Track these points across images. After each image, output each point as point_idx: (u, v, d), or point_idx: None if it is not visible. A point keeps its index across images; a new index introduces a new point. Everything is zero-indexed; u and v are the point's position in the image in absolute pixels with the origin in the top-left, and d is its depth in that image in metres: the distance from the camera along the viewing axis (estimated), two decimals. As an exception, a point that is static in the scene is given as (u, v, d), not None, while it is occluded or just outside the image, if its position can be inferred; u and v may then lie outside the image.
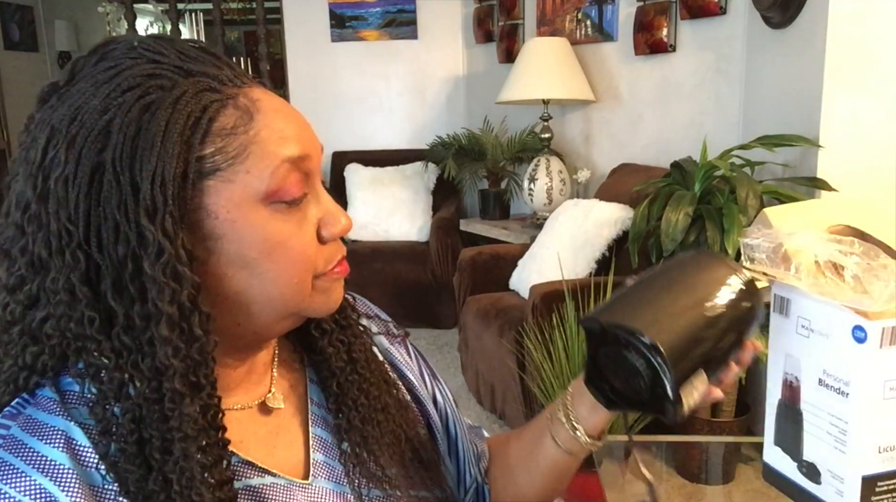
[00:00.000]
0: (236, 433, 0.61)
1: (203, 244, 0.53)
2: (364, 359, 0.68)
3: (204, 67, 0.54)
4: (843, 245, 0.55)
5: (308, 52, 4.38)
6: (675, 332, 0.59)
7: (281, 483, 0.61)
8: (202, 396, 0.52)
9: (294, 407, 0.67)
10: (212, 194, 0.53)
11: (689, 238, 1.98)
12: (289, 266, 0.56)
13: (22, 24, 5.47)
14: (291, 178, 0.55)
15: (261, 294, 0.56)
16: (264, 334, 0.60)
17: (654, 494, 0.67)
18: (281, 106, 0.57)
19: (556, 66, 3.21)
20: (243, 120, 0.54)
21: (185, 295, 0.51)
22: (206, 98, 0.53)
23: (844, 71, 1.96)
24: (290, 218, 0.56)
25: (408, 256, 3.78)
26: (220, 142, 0.53)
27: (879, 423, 0.54)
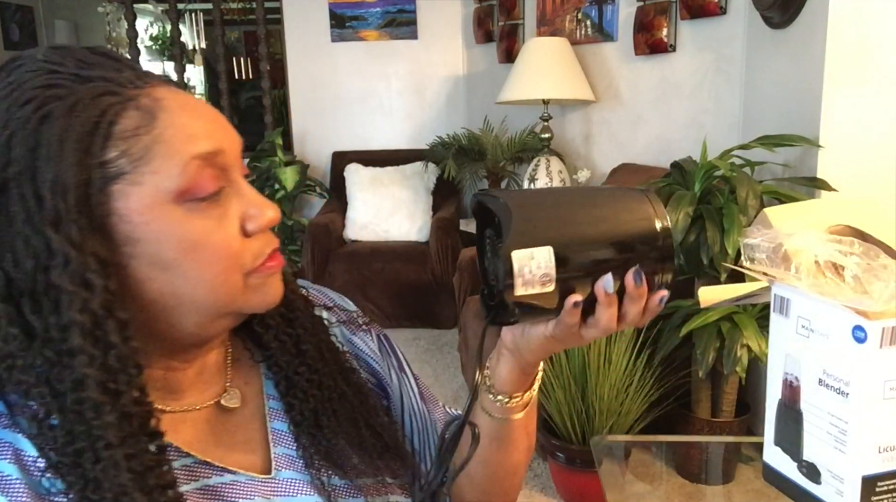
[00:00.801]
0: (192, 434, 0.61)
1: (121, 249, 0.53)
2: (316, 351, 0.68)
3: (103, 72, 0.54)
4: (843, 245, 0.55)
5: (308, 52, 4.38)
6: (530, 199, 0.59)
7: (241, 480, 0.61)
8: (123, 403, 0.51)
9: (252, 403, 0.67)
10: (121, 198, 0.52)
11: (689, 238, 1.98)
12: (211, 264, 0.55)
13: (22, 24, 5.47)
14: (204, 175, 0.55)
15: (187, 295, 0.55)
16: (203, 335, 0.59)
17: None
18: (187, 103, 0.57)
19: (556, 66, 3.21)
20: (146, 120, 0.53)
21: (98, 303, 0.51)
22: (103, 102, 0.52)
23: (844, 71, 1.96)
24: (208, 215, 0.55)
25: (408, 256, 3.78)
26: (123, 146, 0.52)
27: (879, 423, 0.54)
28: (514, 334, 0.64)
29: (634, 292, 0.57)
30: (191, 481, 0.59)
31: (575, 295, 0.57)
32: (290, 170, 4.17)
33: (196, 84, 8.05)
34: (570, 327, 0.58)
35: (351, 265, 3.74)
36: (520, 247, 0.55)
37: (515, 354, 0.64)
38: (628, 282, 0.56)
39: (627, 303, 0.57)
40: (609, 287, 0.56)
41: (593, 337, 0.59)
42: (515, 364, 0.65)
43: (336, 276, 3.70)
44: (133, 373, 0.52)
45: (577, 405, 2.12)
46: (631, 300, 0.57)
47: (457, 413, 0.84)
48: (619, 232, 0.58)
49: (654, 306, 0.58)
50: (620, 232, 0.58)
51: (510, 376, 0.66)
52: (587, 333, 0.59)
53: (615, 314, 0.57)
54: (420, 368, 3.24)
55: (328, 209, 4.15)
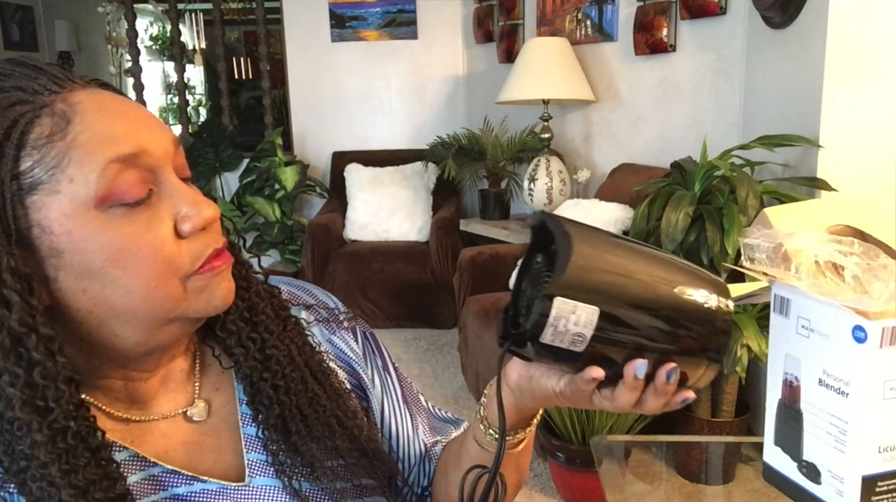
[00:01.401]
0: (161, 443, 0.60)
1: (47, 262, 0.51)
2: (285, 355, 0.65)
3: (16, 81, 0.52)
4: (843, 245, 0.55)
5: (308, 52, 4.38)
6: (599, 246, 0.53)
7: (212, 488, 0.60)
8: (53, 420, 0.50)
9: (223, 410, 0.65)
10: (41, 209, 0.50)
11: (689, 238, 1.98)
12: (142, 271, 0.53)
13: (22, 24, 5.47)
14: (126, 178, 0.52)
15: (122, 304, 0.53)
16: (152, 344, 0.57)
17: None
18: (108, 104, 0.54)
19: (556, 66, 3.21)
20: (59, 126, 0.51)
21: (17, 320, 0.49)
22: (14, 112, 0.50)
23: (844, 71, 1.96)
24: (135, 219, 0.53)
25: (408, 256, 3.78)
26: (37, 155, 0.50)
27: (879, 423, 0.54)
28: (521, 375, 0.60)
29: (662, 387, 0.53)
30: (158, 491, 0.58)
31: (597, 369, 0.53)
32: (290, 170, 4.17)
33: (196, 84, 8.05)
34: (583, 391, 0.55)
35: (351, 265, 3.74)
36: (567, 294, 0.50)
37: (517, 394, 0.61)
38: (660, 375, 0.53)
39: (650, 394, 0.54)
40: (640, 373, 0.52)
41: (604, 408, 0.56)
42: (514, 404, 0.61)
43: (336, 276, 3.70)
44: (63, 388, 0.50)
45: (577, 405, 2.12)
46: (655, 392, 0.54)
47: (445, 414, 0.83)
48: (676, 323, 0.53)
49: (674, 403, 0.55)
50: (677, 324, 0.53)
51: (508, 413, 0.61)
52: (599, 402, 0.56)
53: (636, 398, 0.54)
54: (420, 368, 3.23)
55: (328, 209, 4.15)
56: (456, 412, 3.04)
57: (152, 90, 6.89)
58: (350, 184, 4.10)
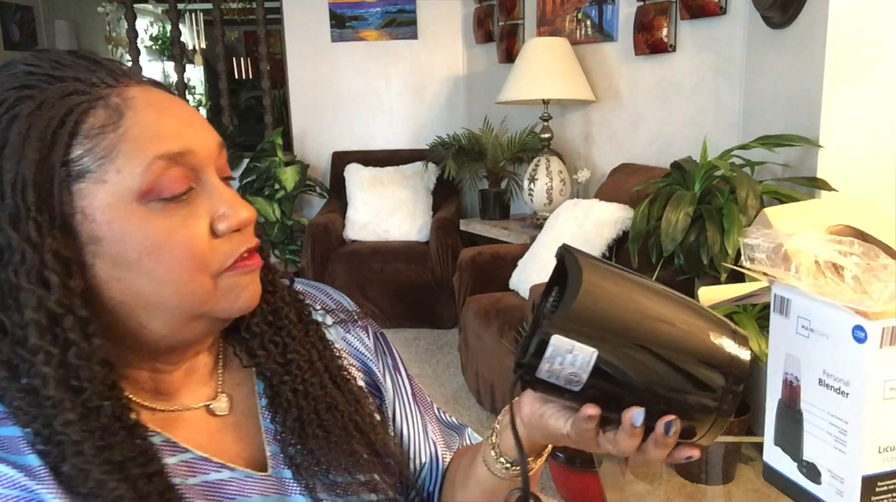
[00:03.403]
0: (188, 431, 0.62)
1: (86, 248, 0.53)
2: (305, 360, 0.66)
3: (75, 72, 0.54)
4: (843, 245, 0.55)
5: (308, 52, 4.38)
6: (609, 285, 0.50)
7: (239, 476, 0.62)
8: (86, 399, 0.51)
9: (244, 403, 0.67)
10: (85, 197, 0.52)
11: (689, 238, 1.98)
12: (175, 265, 0.54)
13: (22, 24, 5.47)
14: (170, 175, 0.54)
15: (153, 296, 0.55)
16: (178, 339, 0.58)
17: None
18: (159, 102, 0.56)
19: (556, 66, 3.22)
20: (112, 119, 0.53)
21: (55, 300, 0.51)
22: (70, 101, 0.52)
23: (844, 71, 1.96)
24: (173, 214, 0.54)
25: (408, 256, 3.78)
26: (88, 144, 0.52)
27: (879, 423, 0.54)
28: (532, 412, 0.60)
29: (661, 439, 0.52)
30: (192, 476, 0.59)
31: (592, 407, 0.51)
32: (290, 170, 4.17)
33: (196, 84, 8.05)
34: (586, 432, 0.55)
35: (351, 265, 3.74)
36: (566, 333, 0.49)
37: (528, 429, 0.61)
38: (658, 426, 0.52)
39: (651, 444, 0.53)
40: (637, 422, 0.51)
41: (608, 451, 0.55)
42: (525, 436, 0.62)
43: (336, 276, 3.70)
44: (98, 369, 0.52)
45: (577, 405, 2.12)
46: (655, 444, 0.53)
47: (450, 419, 0.83)
48: (683, 372, 0.51)
49: (677, 457, 0.54)
50: (684, 373, 0.51)
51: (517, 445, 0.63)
52: (604, 444, 0.55)
53: (636, 445, 0.53)
54: (420, 368, 3.23)
55: (328, 209, 4.15)
56: (456, 412, 3.04)
57: (152, 90, 6.88)
58: (350, 184, 4.10)
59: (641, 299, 0.52)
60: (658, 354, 0.50)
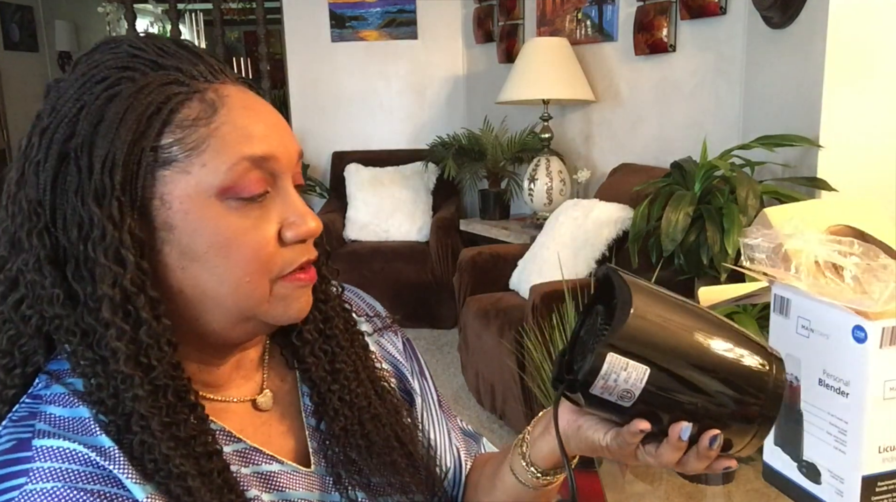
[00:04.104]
0: (236, 422, 0.63)
1: (158, 233, 0.54)
2: (352, 370, 0.67)
3: (178, 62, 0.55)
4: (843, 245, 0.55)
5: (308, 52, 4.38)
6: (659, 306, 0.53)
7: (288, 470, 0.63)
8: (154, 377, 0.53)
9: (286, 399, 0.68)
10: (167, 184, 0.53)
11: (689, 238, 1.98)
12: (239, 264, 0.55)
13: (22, 24, 5.47)
14: (251, 176, 0.55)
15: (211, 290, 0.56)
16: (226, 337, 0.59)
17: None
18: (252, 104, 0.57)
19: (556, 66, 3.21)
20: (206, 113, 0.54)
21: (129, 279, 0.52)
22: (169, 90, 0.54)
23: (844, 71, 1.96)
24: (247, 215, 0.55)
25: (408, 256, 3.78)
26: (179, 134, 0.53)
27: (879, 423, 0.54)
28: (570, 423, 0.62)
29: (704, 452, 0.54)
30: (246, 465, 0.61)
31: (644, 421, 0.54)
32: (290, 170, 4.17)
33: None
34: (629, 445, 0.56)
35: (351, 265, 3.74)
36: (620, 351, 0.52)
37: (563, 439, 0.62)
38: (703, 440, 0.54)
39: (692, 456, 0.55)
40: (685, 436, 0.54)
41: (647, 463, 0.57)
42: (557, 447, 0.62)
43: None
44: (166, 349, 0.53)
45: (577, 405, 2.12)
46: (697, 455, 0.55)
47: (466, 427, 0.84)
48: (728, 389, 0.54)
49: (716, 468, 0.56)
50: (729, 390, 0.54)
51: (551, 456, 0.64)
52: (643, 457, 0.57)
53: (678, 458, 0.55)
54: (420, 368, 3.24)
55: (328, 209, 4.15)
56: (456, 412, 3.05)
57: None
58: (350, 184, 4.10)
59: (687, 319, 0.55)
60: (704, 372, 0.53)
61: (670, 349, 0.53)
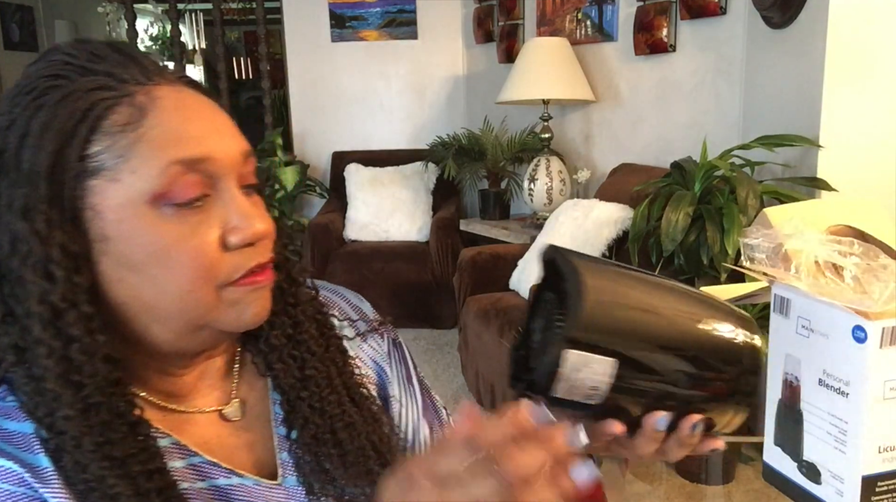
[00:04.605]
0: (199, 435, 0.61)
1: (94, 245, 0.52)
2: (325, 376, 0.64)
3: (109, 67, 0.53)
4: (843, 245, 0.55)
5: (308, 52, 4.38)
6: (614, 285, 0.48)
7: (248, 484, 0.61)
8: (86, 395, 0.51)
9: (257, 407, 0.65)
10: (98, 194, 0.51)
11: (689, 238, 1.98)
12: (179, 273, 0.53)
13: (22, 24, 5.47)
14: (185, 180, 0.52)
15: (154, 301, 0.54)
16: (182, 347, 0.57)
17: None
18: (187, 105, 0.55)
19: (556, 66, 3.22)
20: (135, 117, 0.52)
21: (59, 294, 0.50)
22: (95, 96, 0.52)
23: (844, 71, 1.96)
24: (185, 221, 0.53)
25: (408, 256, 3.78)
26: (107, 141, 0.51)
27: (879, 423, 0.54)
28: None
29: (686, 439, 0.51)
30: (201, 480, 0.59)
31: (617, 424, 0.49)
32: (290, 170, 4.17)
33: (196, 84, 8.04)
34: (600, 441, 0.53)
35: (351, 265, 3.74)
36: (579, 346, 0.46)
37: None
38: (683, 427, 0.50)
39: (673, 444, 0.51)
40: (662, 426, 0.49)
41: (621, 455, 0.53)
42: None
43: (336, 276, 3.70)
44: (101, 366, 0.51)
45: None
46: (679, 443, 0.51)
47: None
48: (700, 365, 0.49)
49: (700, 451, 0.52)
50: (702, 365, 0.49)
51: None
52: (616, 450, 0.54)
53: (656, 448, 0.52)
54: (420, 368, 3.23)
55: (328, 209, 4.15)
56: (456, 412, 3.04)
57: (152, 90, 6.88)
58: (350, 184, 4.10)
59: (646, 295, 0.49)
60: (675, 353, 0.48)
61: (635, 333, 0.47)
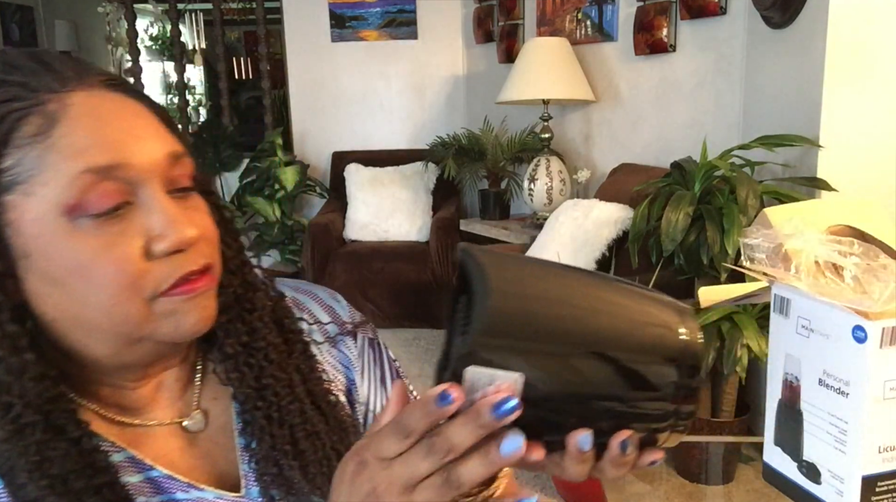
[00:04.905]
0: (158, 448, 0.59)
1: (18, 262, 0.51)
2: (285, 384, 0.61)
3: (23, 76, 0.51)
4: (843, 245, 0.55)
5: (308, 52, 4.38)
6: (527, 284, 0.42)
7: (208, 497, 0.59)
8: (16, 415, 0.49)
9: (220, 418, 0.63)
10: (14, 209, 0.50)
11: (689, 238, 1.98)
12: (102, 287, 0.51)
13: (22, 24, 5.47)
14: (99, 189, 0.50)
15: (82, 316, 0.52)
16: (124, 359, 0.55)
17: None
18: (101, 110, 0.52)
19: (556, 66, 3.22)
20: (44, 128, 0.50)
21: None
22: (5, 108, 0.50)
23: (844, 71, 1.96)
24: (103, 233, 0.50)
25: (408, 256, 3.78)
26: (18, 154, 0.49)
27: (879, 423, 0.54)
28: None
29: (617, 459, 0.44)
30: (157, 495, 0.57)
31: (536, 448, 0.42)
32: (290, 170, 4.17)
33: (196, 84, 8.05)
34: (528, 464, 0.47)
35: (351, 265, 3.74)
36: (480, 360, 0.40)
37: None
38: (612, 446, 0.43)
39: (607, 464, 0.45)
40: (585, 445, 0.43)
41: (556, 475, 0.47)
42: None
43: (336, 276, 3.70)
44: (31, 385, 0.50)
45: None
46: (612, 463, 0.45)
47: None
48: (629, 370, 0.42)
49: (641, 465, 0.46)
50: (631, 371, 0.42)
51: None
52: (550, 470, 0.47)
53: (588, 469, 0.45)
54: (420, 368, 3.23)
55: (328, 209, 4.15)
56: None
57: (152, 90, 6.89)
58: (350, 184, 4.10)
59: (566, 293, 0.43)
60: (597, 359, 0.42)
61: (546, 340, 0.41)
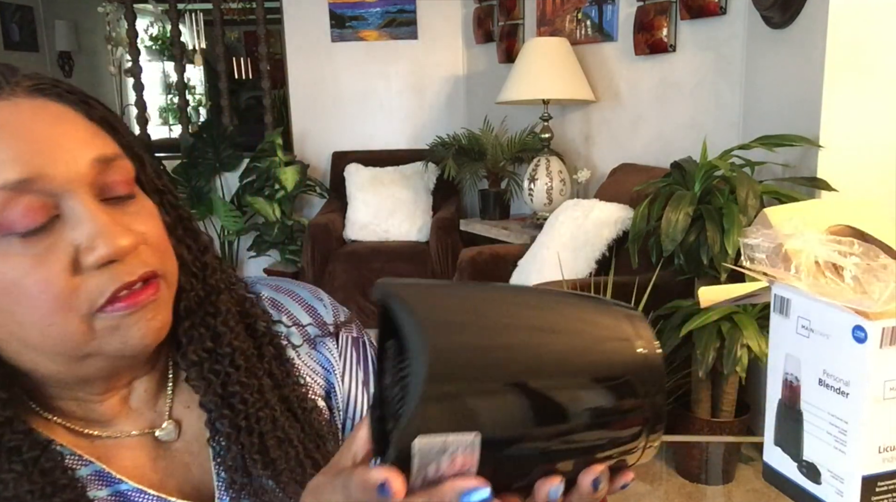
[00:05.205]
0: (128, 461, 0.58)
1: None
2: (254, 390, 0.59)
3: None
4: (843, 245, 0.55)
5: (308, 52, 4.38)
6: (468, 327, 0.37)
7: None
8: None
9: (194, 427, 0.61)
10: None
11: (689, 238, 1.98)
12: (32, 307, 0.48)
13: (22, 24, 5.47)
14: (20, 206, 0.47)
15: (22, 337, 0.50)
16: (79, 375, 0.53)
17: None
18: (14, 122, 0.49)
19: (556, 66, 3.22)
20: None
21: None
22: None
23: (844, 71, 1.96)
24: (30, 250, 0.48)
25: (408, 256, 3.78)
26: None
27: (879, 423, 0.54)
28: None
29: (589, 497, 0.41)
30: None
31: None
32: (290, 170, 4.17)
33: (196, 84, 8.05)
34: None
35: (351, 265, 3.74)
36: (429, 428, 0.35)
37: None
38: (583, 483, 0.40)
39: (576, 499, 0.42)
40: (556, 495, 0.40)
41: None
42: None
43: (336, 276, 3.70)
44: None
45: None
46: (583, 499, 0.42)
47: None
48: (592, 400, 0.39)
49: (612, 491, 0.44)
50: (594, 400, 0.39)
51: None
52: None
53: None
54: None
55: (328, 209, 4.15)
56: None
57: (152, 90, 6.90)
58: (350, 184, 4.10)
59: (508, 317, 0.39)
60: (557, 397, 0.38)
61: (500, 387, 0.37)
